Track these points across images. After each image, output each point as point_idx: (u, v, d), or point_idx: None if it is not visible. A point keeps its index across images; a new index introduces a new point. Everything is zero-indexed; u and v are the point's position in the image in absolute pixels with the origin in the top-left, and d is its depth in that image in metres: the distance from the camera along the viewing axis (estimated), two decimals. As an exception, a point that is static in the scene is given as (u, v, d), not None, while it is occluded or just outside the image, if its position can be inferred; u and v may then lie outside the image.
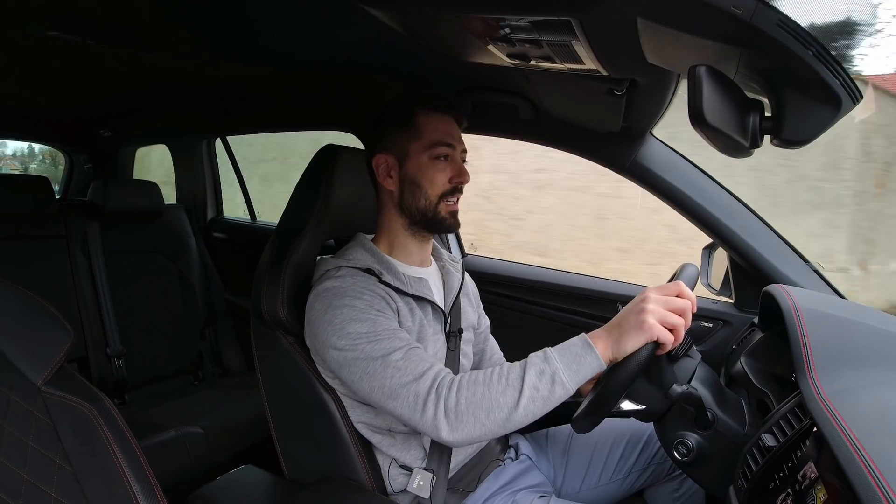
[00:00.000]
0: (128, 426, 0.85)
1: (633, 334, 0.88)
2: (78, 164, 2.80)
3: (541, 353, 0.92)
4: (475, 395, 0.89)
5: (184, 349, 2.35)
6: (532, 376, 0.89)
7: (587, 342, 0.91)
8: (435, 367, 0.95)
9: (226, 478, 1.24)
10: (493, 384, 0.90)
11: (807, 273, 1.36)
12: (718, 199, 1.40)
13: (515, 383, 0.89)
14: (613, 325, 0.92)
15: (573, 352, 0.91)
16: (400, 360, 0.94)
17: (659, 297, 0.89)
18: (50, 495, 0.76)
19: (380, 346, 0.96)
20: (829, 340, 0.91)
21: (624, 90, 1.09)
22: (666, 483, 1.23)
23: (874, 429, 0.68)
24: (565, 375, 0.89)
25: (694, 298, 0.91)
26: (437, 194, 1.10)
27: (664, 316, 0.88)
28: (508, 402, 0.89)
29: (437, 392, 0.91)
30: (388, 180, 1.13)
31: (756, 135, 0.75)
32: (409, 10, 0.93)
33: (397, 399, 0.93)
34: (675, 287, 0.91)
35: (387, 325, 0.99)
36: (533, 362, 0.91)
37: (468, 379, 0.92)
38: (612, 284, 1.73)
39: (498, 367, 0.92)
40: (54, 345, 0.87)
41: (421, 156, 1.10)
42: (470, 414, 0.89)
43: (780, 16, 0.61)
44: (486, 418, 0.89)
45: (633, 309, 0.90)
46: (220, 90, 1.84)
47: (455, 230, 1.16)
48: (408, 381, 0.92)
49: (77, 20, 1.17)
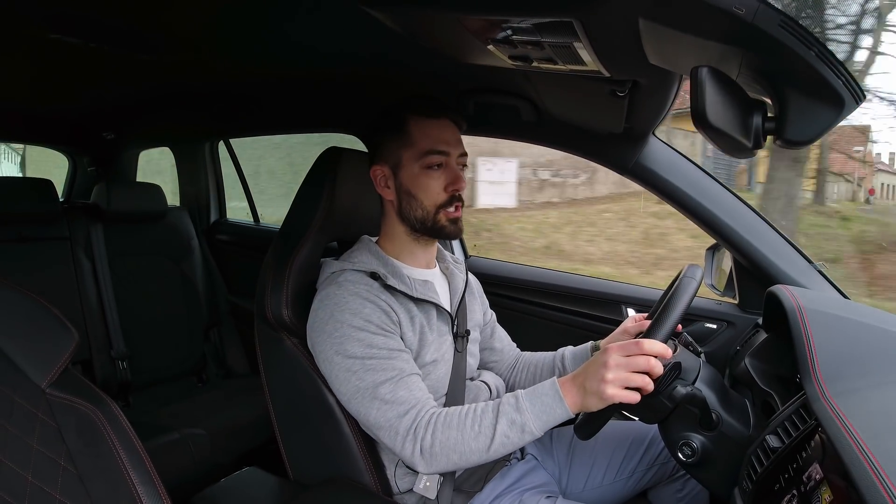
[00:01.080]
0: (132, 428, 0.85)
1: (595, 400, 0.91)
2: (81, 166, 2.81)
3: (513, 398, 0.96)
4: (449, 438, 0.95)
5: (187, 351, 2.35)
6: (503, 425, 0.94)
7: (558, 393, 0.94)
8: (417, 405, 0.99)
9: (229, 480, 1.25)
10: (466, 430, 0.95)
11: (810, 273, 1.36)
12: (721, 199, 1.39)
13: (488, 431, 0.94)
14: (579, 382, 0.94)
15: (544, 402, 0.94)
16: (388, 394, 0.99)
17: (620, 359, 0.89)
18: (54, 497, 0.77)
19: (371, 376, 0.99)
20: (834, 341, 0.91)
21: (626, 91, 1.09)
22: (670, 484, 1.23)
23: (879, 430, 0.68)
24: (534, 425, 0.94)
25: (661, 349, 0.90)
26: (433, 204, 1.09)
27: (626, 380, 0.89)
28: (480, 447, 0.95)
29: (415, 433, 0.97)
30: (385, 190, 1.13)
31: (759, 135, 0.74)
32: (411, 11, 0.93)
33: (380, 430, 1.00)
34: (636, 347, 0.90)
35: (383, 344, 1.01)
36: (505, 410, 0.95)
37: (444, 421, 0.97)
38: (615, 286, 1.73)
39: (472, 411, 0.97)
40: (58, 347, 0.87)
41: (413, 165, 1.09)
42: (444, 455, 0.96)
43: (782, 16, 0.61)
44: (459, 459, 0.96)
45: (595, 374, 0.91)
46: (223, 93, 1.85)
47: (458, 237, 1.15)
48: (391, 417, 0.98)
49: (80, 23, 1.18)
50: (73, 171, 2.85)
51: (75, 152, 2.79)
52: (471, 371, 1.22)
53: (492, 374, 1.31)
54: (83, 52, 1.37)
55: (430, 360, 1.10)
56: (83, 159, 2.78)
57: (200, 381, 2.39)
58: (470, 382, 1.20)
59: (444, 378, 1.13)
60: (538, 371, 1.34)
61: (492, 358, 1.37)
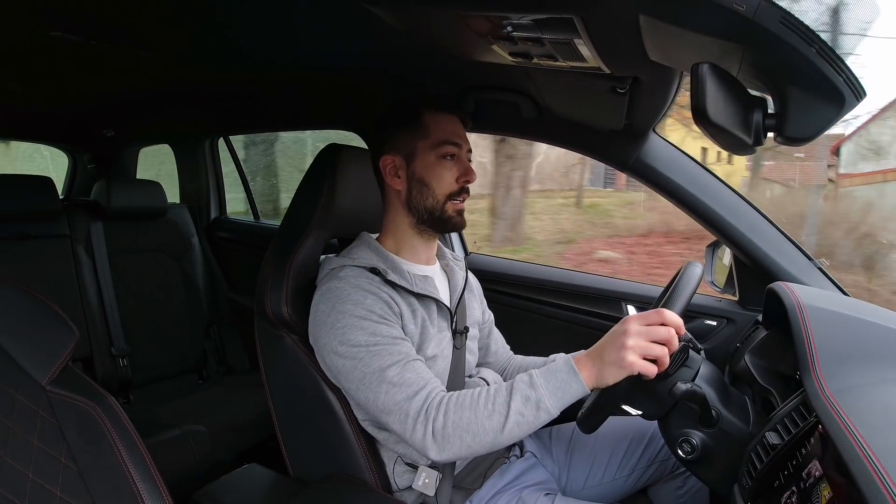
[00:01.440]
0: (132, 425, 0.85)
1: (614, 370, 0.89)
2: (81, 163, 2.81)
3: (527, 377, 0.94)
4: (462, 418, 0.92)
5: (188, 348, 2.35)
6: (518, 402, 0.91)
7: (573, 368, 0.92)
8: (427, 386, 0.97)
9: (230, 476, 1.25)
10: (479, 408, 0.92)
11: (811, 270, 1.36)
12: (722, 196, 1.39)
13: (501, 409, 0.92)
14: (596, 354, 0.92)
15: (558, 378, 0.92)
16: (395, 377, 0.97)
17: (640, 328, 0.89)
18: (55, 494, 0.77)
19: (377, 360, 0.98)
20: (834, 338, 0.91)
21: (627, 88, 1.09)
22: (670, 481, 1.23)
23: (879, 426, 0.68)
24: (550, 402, 0.91)
25: (679, 322, 0.90)
26: (444, 193, 1.11)
27: (646, 349, 0.87)
28: (494, 426, 0.92)
29: (427, 414, 0.94)
30: (395, 180, 1.13)
31: (759, 132, 0.74)
32: (412, 8, 0.93)
33: (389, 415, 0.97)
34: (657, 316, 0.89)
35: (387, 332, 1.01)
36: (519, 388, 0.93)
37: (456, 401, 0.94)
38: (616, 283, 1.73)
39: (485, 390, 0.95)
40: (59, 344, 0.87)
41: (429, 154, 1.11)
42: (456, 437, 0.92)
43: (783, 13, 0.61)
44: (473, 441, 0.92)
45: (614, 342, 0.90)
46: (223, 90, 1.84)
47: (461, 229, 1.16)
48: (400, 399, 0.95)
49: (80, 20, 1.18)
50: (72, 168, 2.85)
51: (75, 149, 2.79)
52: (469, 368, 1.22)
53: (490, 371, 1.32)
54: (84, 50, 1.37)
55: (430, 355, 1.10)
56: (83, 156, 2.78)
57: (201, 379, 2.39)
58: (468, 379, 1.20)
59: (443, 374, 1.13)
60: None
61: (486, 358, 1.38)
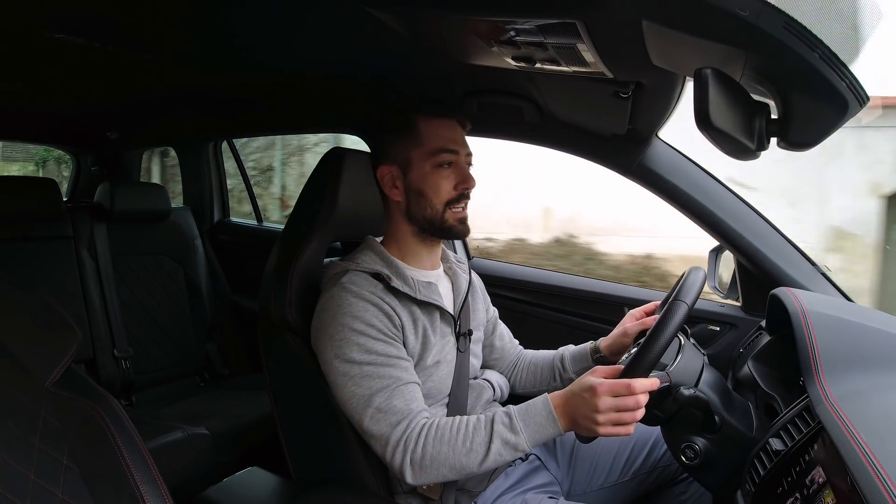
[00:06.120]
0: (135, 427, 0.85)
1: (584, 429, 0.95)
2: (85, 166, 2.82)
3: (507, 418, 0.98)
4: (440, 453, 0.97)
5: (191, 350, 2.35)
6: (497, 445, 0.96)
7: (552, 415, 0.97)
8: (410, 415, 1.00)
9: (232, 479, 1.24)
10: (457, 446, 0.97)
11: (814, 276, 1.35)
12: (724, 201, 1.39)
13: (480, 448, 0.96)
14: (569, 406, 0.96)
15: (537, 422, 0.97)
16: (382, 403, 1.00)
17: (608, 401, 0.91)
18: (57, 496, 0.77)
19: (367, 383, 1.00)
20: (837, 344, 0.91)
21: (629, 92, 1.09)
22: (672, 486, 1.22)
23: (882, 432, 0.68)
24: (527, 444, 0.96)
25: (649, 384, 0.92)
26: (442, 202, 1.10)
27: (615, 419, 0.91)
28: (471, 463, 0.97)
29: (405, 445, 0.98)
30: (393, 191, 1.13)
31: (762, 137, 0.74)
32: (414, 12, 0.93)
33: (371, 438, 1.01)
34: (625, 387, 0.91)
35: (383, 350, 1.02)
36: (499, 431, 0.97)
37: (434, 435, 0.98)
38: (617, 287, 1.72)
39: (464, 426, 0.98)
40: (62, 346, 0.87)
41: (424, 164, 1.10)
42: (434, 469, 0.97)
43: (786, 18, 0.61)
44: (449, 472, 0.97)
45: (585, 405, 0.93)
46: (226, 93, 1.85)
47: (465, 237, 1.16)
48: (383, 426, 0.99)
49: (85, 22, 1.18)
50: (76, 170, 2.86)
51: (79, 152, 2.80)
52: (474, 371, 1.22)
53: (495, 372, 1.31)
54: (88, 53, 1.37)
55: (432, 363, 1.10)
56: (87, 159, 2.79)
57: (204, 381, 2.39)
58: (473, 381, 1.20)
59: (447, 378, 1.13)
60: (538, 372, 1.34)
61: (492, 355, 1.37)
